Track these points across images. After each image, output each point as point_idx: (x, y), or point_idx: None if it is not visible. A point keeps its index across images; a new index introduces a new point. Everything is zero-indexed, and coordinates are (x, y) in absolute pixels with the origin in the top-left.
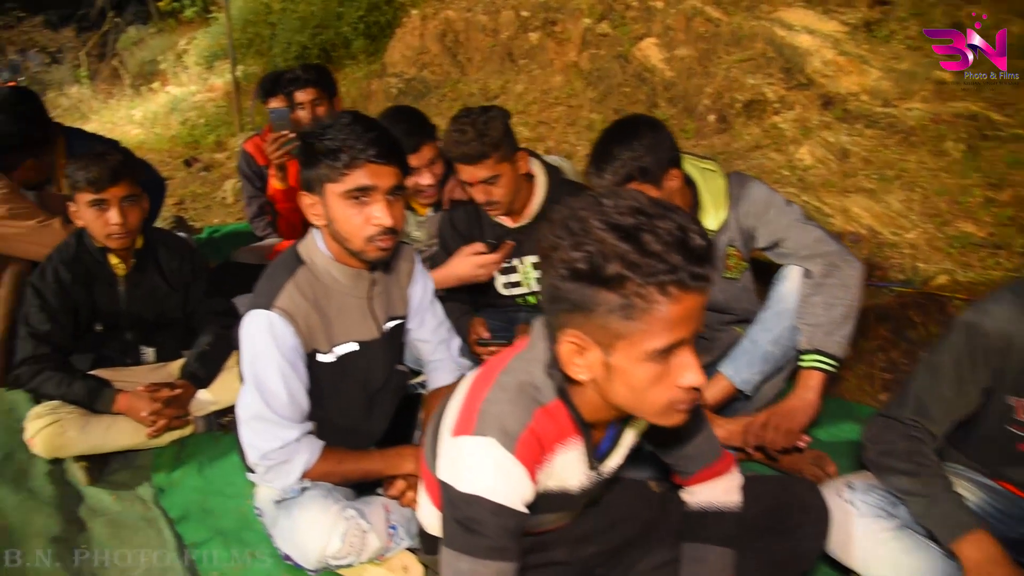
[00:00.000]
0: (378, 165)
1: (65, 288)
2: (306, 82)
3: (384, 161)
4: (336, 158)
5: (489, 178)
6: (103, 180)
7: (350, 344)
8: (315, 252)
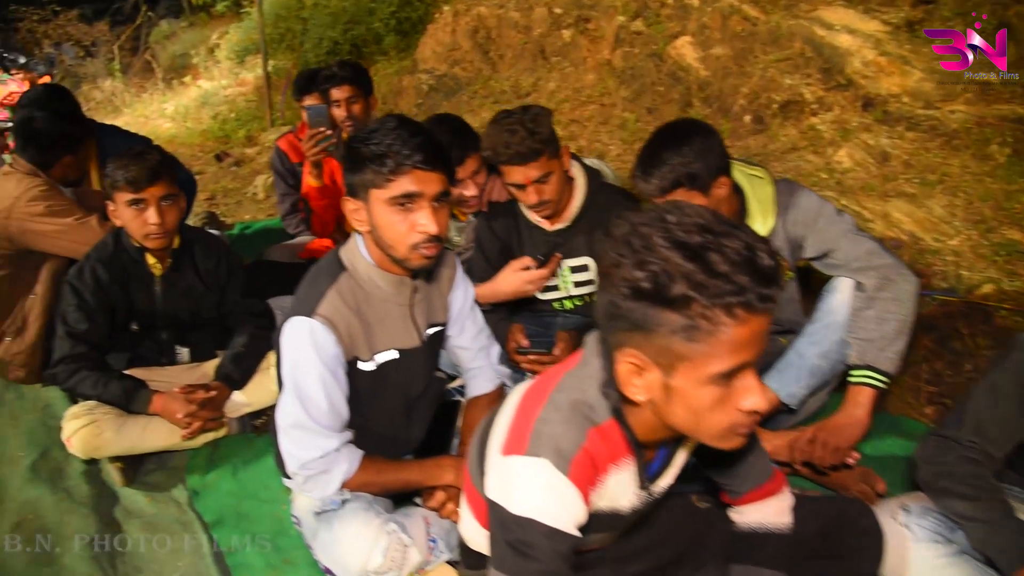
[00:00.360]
0: (424, 171)
1: (102, 287)
2: (342, 79)
3: (430, 167)
4: (382, 163)
5: (541, 177)
6: (142, 180)
7: (391, 352)
8: (357, 258)
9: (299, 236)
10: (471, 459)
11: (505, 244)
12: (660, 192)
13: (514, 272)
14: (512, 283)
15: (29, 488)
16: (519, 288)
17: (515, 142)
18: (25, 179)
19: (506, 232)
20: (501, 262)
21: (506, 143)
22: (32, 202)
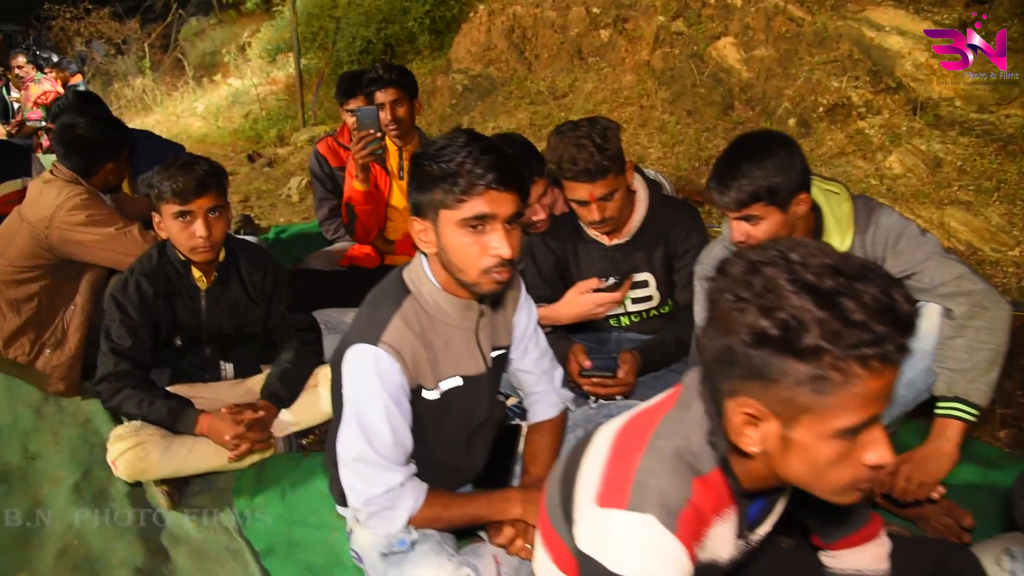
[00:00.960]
0: (499, 192)
1: (147, 302)
2: (387, 82)
3: (505, 188)
4: (453, 183)
5: (607, 194)
6: (189, 191)
7: (455, 379)
8: (422, 281)
9: (337, 241)
10: (550, 499)
11: (560, 259)
12: (737, 206)
13: (580, 294)
14: (578, 307)
15: (72, 511)
16: (587, 312)
17: (583, 158)
18: (66, 187)
19: (561, 247)
20: (555, 278)
21: (573, 159)
22: (73, 211)
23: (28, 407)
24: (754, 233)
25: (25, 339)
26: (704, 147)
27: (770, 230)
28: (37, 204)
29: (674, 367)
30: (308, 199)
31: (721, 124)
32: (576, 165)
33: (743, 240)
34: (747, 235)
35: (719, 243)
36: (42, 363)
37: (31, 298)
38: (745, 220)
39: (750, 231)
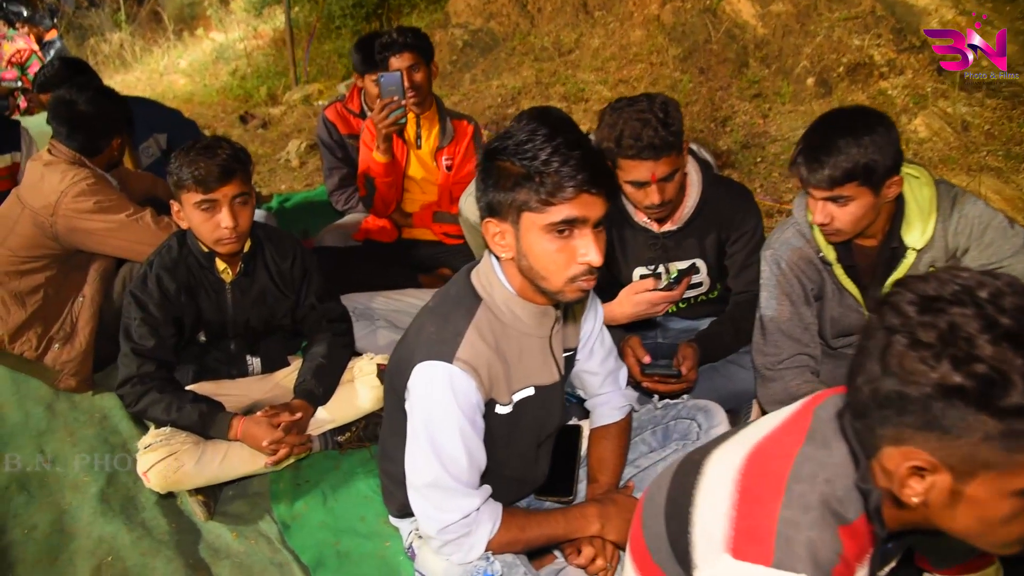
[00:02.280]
0: (590, 195)
1: (168, 298)
2: (403, 46)
3: (596, 189)
4: (540, 184)
5: (668, 174)
6: (212, 178)
7: (527, 389)
8: (495, 286)
9: (348, 213)
10: (649, 528)
11: (609, 251)
12: (829, 184)
13: (636, 294)
14: (633, 306)
15: (102, 523)
16: (643, 312)
17: (647, 134)
18: (70, 170)
19: (610, 236)
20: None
21: (636, 134)
22: (80, 197)
23: (39, 404)
24: (839, 216)
25: (31, 333)
26: (718, 107)
27: (857, 213)
28: (39, 189)
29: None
30: (309, 163)
31: (735, 83)
32: (639, 141)
33: (825, 223)
34: (831, 217)
35: (790, 226)
36: (51, 358)
37: (36, 290)
38: (833, 201)
39: (834, 213)
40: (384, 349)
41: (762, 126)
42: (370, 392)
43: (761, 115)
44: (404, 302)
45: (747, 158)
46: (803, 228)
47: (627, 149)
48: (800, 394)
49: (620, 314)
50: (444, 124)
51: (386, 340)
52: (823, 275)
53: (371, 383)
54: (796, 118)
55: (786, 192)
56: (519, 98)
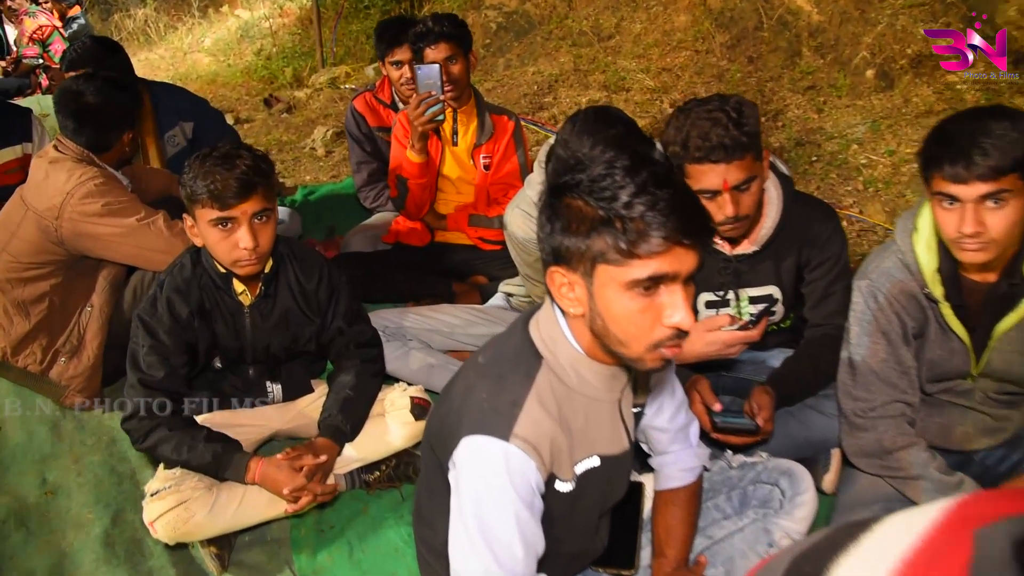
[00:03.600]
0: (684, 247)
1: (180, 323)
2: (439, 36)
3: (691, 239)
4: (622, 231)
5: (743, 182)
6: (230, 194)
7: (592, 459)
8: (559, 344)
9: (377, 211)
10: None
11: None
12: (992, 174)
13: (708, 332)
14: (705, 346)
15: (105, 571)
16: (715, 353)
17: (717, 133)
18: (77, 169)
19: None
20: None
21: (704, 134)
22: (86, 199)
23: (44, 423)
24: (994, 223)
25: (36, 345)
26: (768, 99)
27: (1014, 218)
28: (44, 190)
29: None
30: (335, 153)
31: (787, 73)
32: (708, 141)
33: (978, 232)
34: (983, 225)
35: (891, 255)
36: (56, 373)
37: (41, 299)
38: (991, 200)
39: (989, 219)
40: (417, 374)
41: (817, 121)
42: (403, 429)
43: (815, 109)
44: (438, 320)
45: (801, 157)
46: (907, 258)
47: (695, 151)
48: (895, 448)
49: (689, 353)
50: (483, 119)
51: (419, 363)
52: (927, 313)
53: (404, 419)
54: (854, 113)
55: (844, 196)
56: (556, 86)
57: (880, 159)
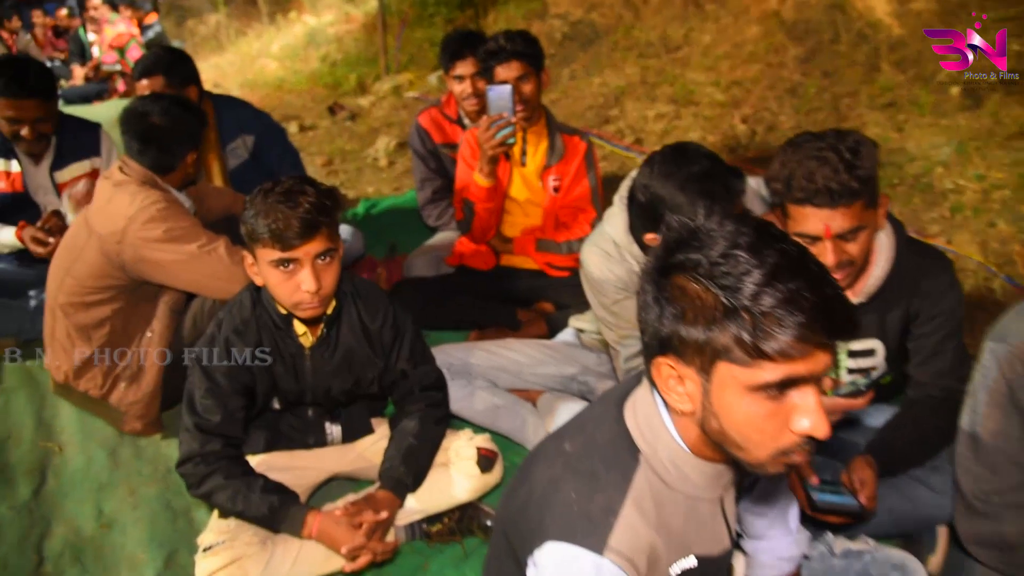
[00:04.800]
0: (821, 350)
1: (238, 366)
2: (511, 54)
3: (832, 337)
4: (754, 328)
5: (849, 231)
6: (292, 234)
7: (688, 560)
8: (660, 439)
9: (440, 229)
10: None
11: None
12: None
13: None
14: None
15: None
16: None
17: (824, 175)
18: (140, 193)
19: None
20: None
21: (809, 174)
22: (148, 224)
23: (103, 448)
24: None
25: (97, 370)
26: (845, 116)
27: None
28: (107, 213)
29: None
30: (398, 164)
31: (865, 89)
32: (812, 183)
33: None
34: None
35: None
36: (116, 398)
37: (102, 323)
38: None
39: None
40: (482, 416)
41: (898, 141)
42: (468, 482)
43: (895, 128)
44: (505, 358)
45: (882, 179)
46: None
47: (796, 192)
48: (1020, 543)
49: None
50: (553, 140)
51: (485, 404)
52: None
53: (469, 471)
54: (937, 133)
55: (930, 223)
56: (623, 98)
57: (968, 184)
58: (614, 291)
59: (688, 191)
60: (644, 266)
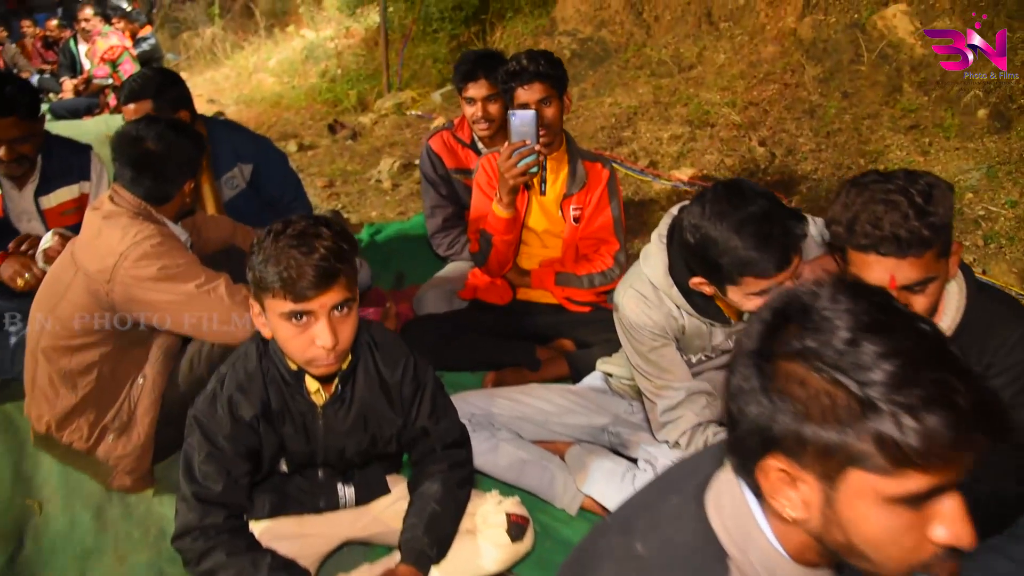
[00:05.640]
0: (972, 452)
1: (243, 427)
2: (534, 76)
3: (988, 439)
4: (900, 433)
5: (918, 282)
6: (307, 284)
7: None
8: (753, 542)
9: (450, 259)
10: None
11: None
12: None
13: None
14: None
15: None
16: None
17: (893, 220)
18: (132, 226)
19: None
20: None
21: (875, 219)
22: (141, 261)
23: (87, 508)
24: None
25: (83, 420)
26: (867, 139)
27: None
28: (95, 249)
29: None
30: (403, 186)
31: (887, 111)
32: (879, 229)
33: None
34: None
35: None
36: (104, 451)
37: (89, 369)
38: None
39: None
40: (507, 471)
41: (923, 164)
42: (497, 552)
43: (920, 151)
44: (530, 406)
45: None
46: None
47: (860, 237)
48: None
49: None
50: (575, 167)
51: (509, 459)
52: None
53: (498, 540)
54: (965, 157)
55: (964, 253)
56: (635, 119)
57: (1001, 210)
58: (651, 337)
59: (744, 234)
60: (740, 346)
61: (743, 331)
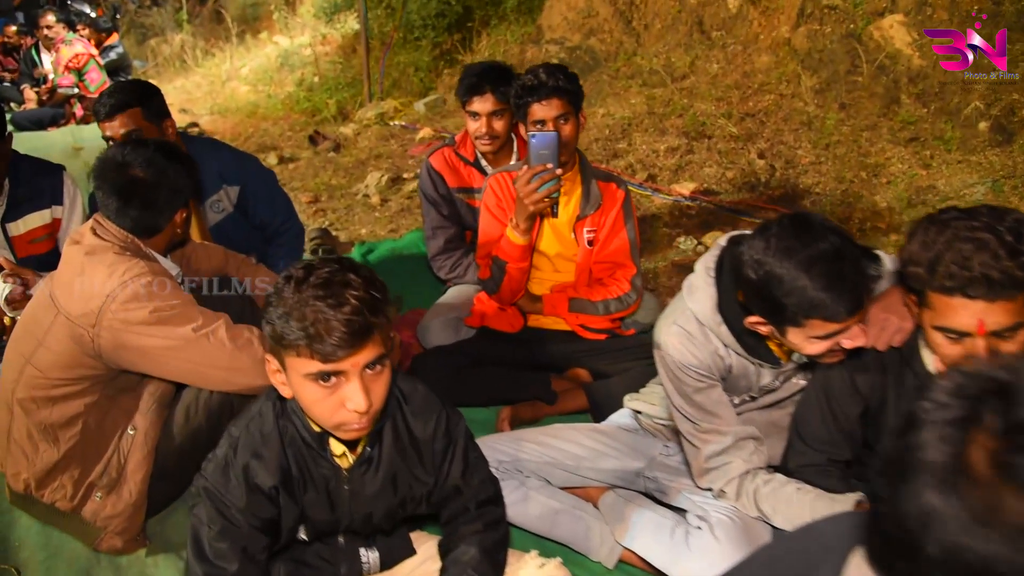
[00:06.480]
0: None
1: (260, 498)
2: (552, 91)
3: None
4: None
5: (1008, 328)
6: (338, 342)
7: None
8: None
9: (453, 283)
10: None
11: (871, 406)
12: None
13: None
14: None
15: None
16: None
17: (982, 261)
18: (120, 264)
19: (878, 383)
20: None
21: (962, 260)
22: (130, 303)
23: (72, 572)
24: None
25: (66, 478)
26: (867, 151)
27: None
28: (78, 290)
29: None
30: (392, 202)
31: (885, 122)
32: (967, 270)
33: None
34: None
35: None
36: (91, 511)
37: (73, 421)
38: None
39: None
40: (538, 521)
41: (926, 178)
42: None
43: (922, 164)
44: (559, 451)
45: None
46: None
47: (943, 279)
48: None
49: None
50: (588, 187)
51: (541, 509)
52: None
53: None
54: (968, 171)
55: None
56: (630, 130)
57: None
58: (697, 378)
59: (814, 273)
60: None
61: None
